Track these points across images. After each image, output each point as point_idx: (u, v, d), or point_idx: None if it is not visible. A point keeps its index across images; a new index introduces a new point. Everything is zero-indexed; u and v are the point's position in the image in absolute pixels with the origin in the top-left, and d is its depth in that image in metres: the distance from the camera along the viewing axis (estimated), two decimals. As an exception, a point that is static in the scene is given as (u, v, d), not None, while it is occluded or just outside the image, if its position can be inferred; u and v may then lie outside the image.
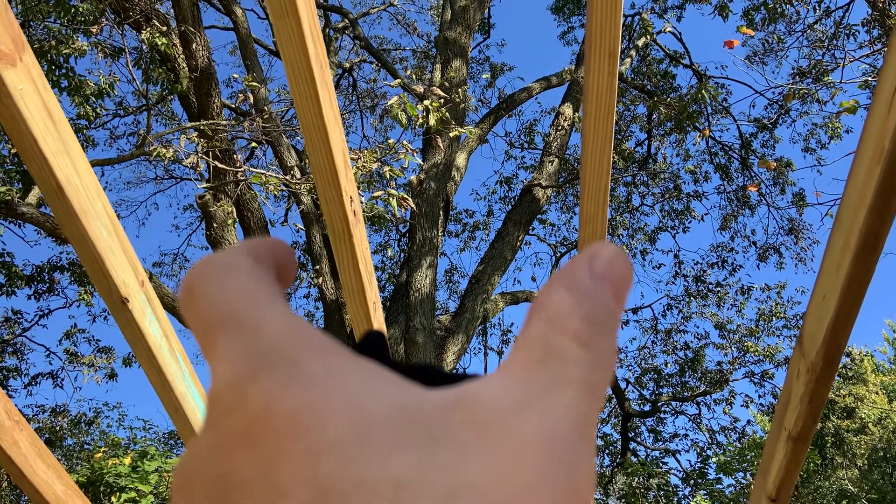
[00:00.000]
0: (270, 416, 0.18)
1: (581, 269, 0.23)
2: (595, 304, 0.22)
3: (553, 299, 0.22)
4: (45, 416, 10.75)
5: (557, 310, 0.21)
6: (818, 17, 9.57)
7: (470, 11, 9.71)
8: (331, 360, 0.19)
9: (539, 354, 0.20)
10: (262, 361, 0.19)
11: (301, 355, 0.19)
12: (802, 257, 11.17)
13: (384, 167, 5.43)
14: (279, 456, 0.17)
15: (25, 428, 1.73)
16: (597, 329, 0.21)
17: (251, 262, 0.23)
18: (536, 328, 0.21)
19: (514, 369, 0.20)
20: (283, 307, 0.21)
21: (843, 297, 1.28)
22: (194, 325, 0.22)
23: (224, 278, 0.22)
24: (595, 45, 1.07)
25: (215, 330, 0.21)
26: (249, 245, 0.24)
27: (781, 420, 1.62)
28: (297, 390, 0.18)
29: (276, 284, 0.23)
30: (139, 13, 6.42)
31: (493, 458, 0.17)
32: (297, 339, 0.20)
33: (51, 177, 1.16)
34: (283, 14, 0.99)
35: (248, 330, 0.20)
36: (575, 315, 0.21)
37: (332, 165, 1.18)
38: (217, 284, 0.22)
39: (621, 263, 0.23)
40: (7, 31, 1.05)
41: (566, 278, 0.22)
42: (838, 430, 14.56)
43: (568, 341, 0.20)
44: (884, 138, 1.10)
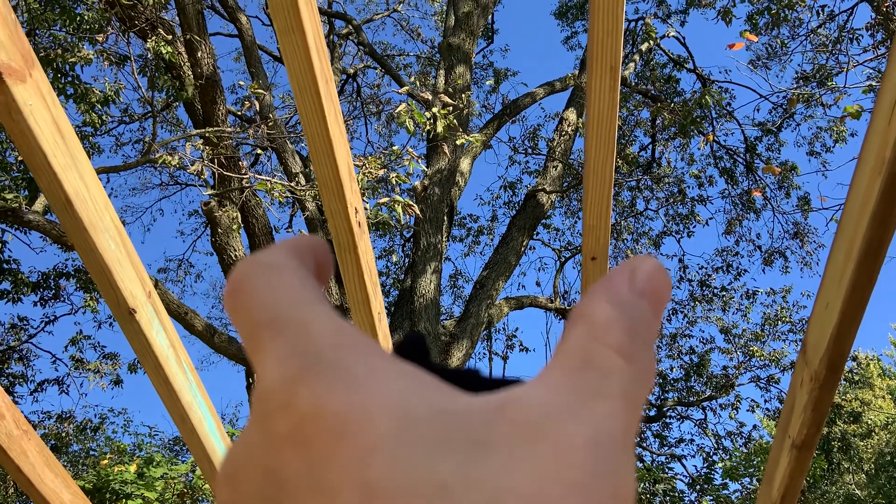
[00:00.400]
0: (319, 417, 0.18)
1: (622, 281, 0.23)
2: (636, 316, 0.22)
3: (595, 310, 0.22)
4: (51, 423, 10.78)
5: (599, 321, 0.21)
6: (822, 22, 9.57)
7: (473, 17, 9.73)
8: (375, 361, 0.20)
9: (580, 364, 0.20)
10: (310, 362, 0.19)
11: (347, 356, 0.20)
12: (808, 261, 11.15)
13: (390, 173, 5.44)
14: (327, 456, 0.18)
15: (33, 437, 1.74)
16: (638, 341, 0.21)
17: (294, 261, 0.24)
18: (578, 338, 0.21)
19: (556, 377, 0.20)
20: (326, 307, 0.22)
21: (846, 306, 1.29)
22: (239, 325, 0.22)
23: (269, 279, 0.22)
24: (597, 60, 1.08)
25: (262, 330, 0.21)
26: (291, 244, 0.25)
27: (786, 428, 1.62)
28: (344, 392, 0.19)
29: (316, 284, 0.24)
30: (144, 21, 6.46)
31: (536, 465, 0.17)
32: (343, 340, 0.20)
33: (60, 190, 1.18)
34: (289, 30, 1.00)
35: (295, 331, 0.21)
36: (617, 327, 0.21)
37: (336, 177, 1.19)
38: (262, 285, 0.22)
39: (661, 277, 0.24)
40: (17, 47, 1.06)
41: (608, 290, 0.23)
42: (845, 435, 14.49)
43: (610, 352, 0.21)
44: (885, 148, 1.11)
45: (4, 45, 1.05)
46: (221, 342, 7.11)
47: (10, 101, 1.05)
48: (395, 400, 0.19)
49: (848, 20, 9.41)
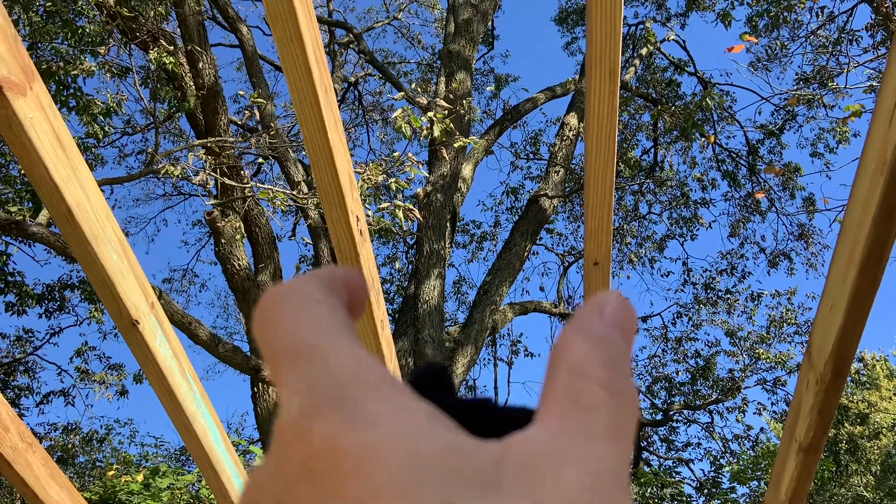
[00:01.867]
0: (331, 454, 0.19)
1: (592, 317, 0.24)
2: (612, 349, 0.23)
3: (572, 349, 0.23)
4: (57, 435, 10.79)
5: (578, 358, 0.22)
6: (821, 23, 9.57)
7: (473, 24, 9.76)
8: (392, 398, 0.20)
9: (570, 404, 0.21)
10: (326, 397, 0.20)
11: (364, 392, 0.20)
12: (813, 263, 11.12)
13: (390, 179, 5.45)
14: (338, 494, 0.18)
15: (38, 449, 1.74)
16: (617, 372, 0.22)
17: (322, 291, 0.24)
18: (562, 378, 0.22)
19: (550, 420, 0.21)
20: (350, 339, 0.22)
21: (850, 308, 1.29)
22: (264, 350, 0.23)
23: (294, 307, 0.23)
24: (595, 64, 1.08)
25: (282, 360, 0.22)
26: (322, 273, 0.25)
27: (792, 431, 1.62)
28: (358, 429, 0.19)
29: (345, 315, 0.24)
30: (146, 33, 6.49)
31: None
32: (361, 374, 0.21)
33: (61, 202, 1.18)
34: (289, 40, 1.01)
35: (314, 363, 0.21)
36: (596, 362, 0.22)
37: (337, 186, 1.19)
38: (286, 314, 0.23)
39: (628, 310, 0.25)
40: (17, 61, 1.07)
41: (580, 327, 0.23)
42: (852, 437, 14.43)
43: (594, 387, 0.21)
44: (886, 150, 1.11)
45: (5, 59, 1.05)
46: (226, 351, 7.11)
47: (11, 115, 1.05)
48: (408, 438, 0.19)
49: (847, 21, 9.41)
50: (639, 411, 0.23)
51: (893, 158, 1.07)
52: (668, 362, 12.78)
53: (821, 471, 10.86)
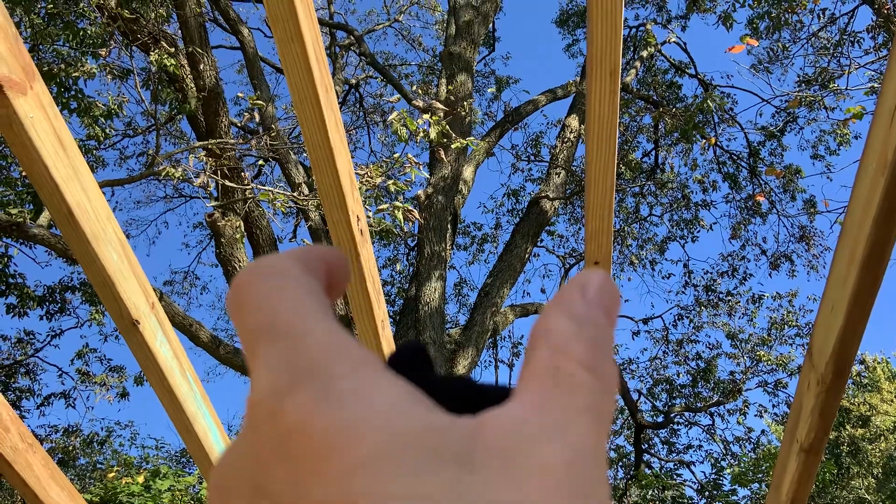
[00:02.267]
0: (305, 432, 0.18)
1: (575, 296, 0.24)
2: (594, 327, 0.23)
3: (554, 326, 0.22)
4: (57, 437, 10.79)
5: (560, 336, 0.22)
6: (823, 25, 9.57)
7: (474, 26, 9.76)
8: (368, 376, 0.20)
9: (550, 382, 0.21)
10: (300, 374, 0.19)
11: (338, 370, 0.20)
12: (814, 264, 11.11)
13: (389, 181, 5.45)
14: (312, 472, 0.18)
15: (38, 450, 1.74)
16: (599, 352, 0.22)
17: (300, 269, 0.23)
18: (543, 356, 0.22)
19: (529, 398, 0.21)
20: (326, 318, 0.22)
21: (850, 309, 1.28)
22: (238, 327, 0.22)
23: (270, 285, 0.22)
24: (596, 64, 1.08)
25: (257, 337, 0.21)
26: (300, 252, 0.25)
27: (793, 432, 1.61)
28: (331, 406, 0.19)
29: (322, 294, 0.23)
30: (147, 35, 6.50)
31: (518, 484, 0.18)
32: (337, 352, 0.20)
33: (62, 202, 1.18)
34: (289, 40, 1.01)
35: (290, 340, 0.21)
36: (578, 340, 0.22)
37: (338, 187, 1.19)
38: (263, 291, 0.22)
39: (611, 288, 0.24)
40: (17, 60, 1.07)
41: (563, 305, 0.23)
42: (854, 439, 14.41)
43: (576, 366, 0.21)
44: (887, 151, 1.11)
45: (5, 58, 1.05)
46: (227, 353, 7.11)
47: (12, 114, 1.05)
48: (382, 415, 0.19)
49: (849, 23, 9.41)
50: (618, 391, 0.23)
51: (894, 159, 1.07)
52: (669, 364, 12.78)
53: (822, 473, 10.84)
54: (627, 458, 13.13)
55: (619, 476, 13.13)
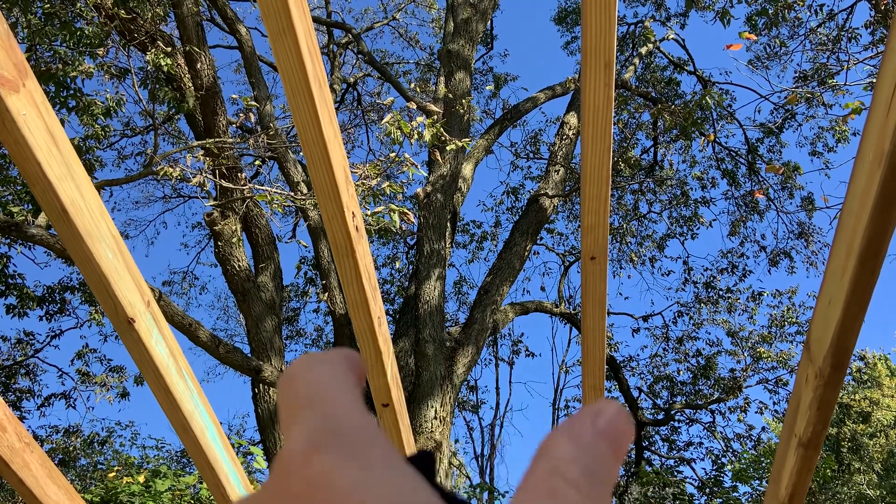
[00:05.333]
0: (327, 485, 0.21)
1: (585, 423, 0.25)
2: (594, 457, 0.24)
3: (557, 448, 0.24)
4: (58, 437, 10.79)
5: (560, 459, 0.24)
6: (821, 21, 9.56)
7: (472, 23, 9.76)
8: (388, 455, 0.22)
9: (543, 498, 0.23)
10: (333, 439, 0.22)
11: (365, 442, 0.22)
12: (813, 261, 11.11)
13: (384, 183, 5.45)
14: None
15: (36, 450, 1.74)
16: (594, 480, 0.24)
17: (344, 363, 0.27)
18: (541, 473, 0.24)
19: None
20: (359, 402, 0.25)
21: (848, 302, 1.28)
22: (283, 403, 0.26)
23: (319, 369, 0.26)
24: (590, 56, 1.07)
25: (301, 404, 0.24)
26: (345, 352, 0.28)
27: (791, 427, 1.61)
28: (353, 471, 0.21)
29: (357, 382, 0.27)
30: (144, 34, 6.49)
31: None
32: (365, 429, 0.23)
33: (55, 200, 1.18)
34: (281, 33, 1.00)
35: (328, 410, 0.24)
36: (576, 465, 0.24)
37: (332, 182, 1.19)
38: (313, 372, 0.26)
39: (623, 421, 0.26)
40: (10, 57, 1.06)
41: (570, 430, 0.25)
42: (854, 435, 14.42)
43: (568, 488, 0.23)
44: (883, 141, 1.10)
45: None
46: (227, 353, 7.11)
47: (4, 111, 1.05)
48: (394, 491, 0.21)
49: (847, 19, 9.41)
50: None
51: (891, 149, 1.07)
52: (669, 362, 12.79)
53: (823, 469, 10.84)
54: (628, 455, 13.14)
55: (620, 474, 13.13)
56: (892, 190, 1.07)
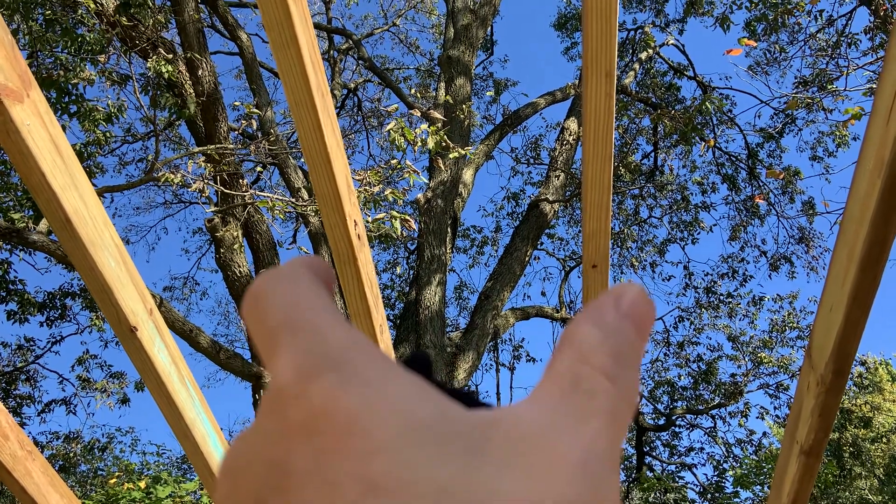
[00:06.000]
0: (330, 413, 0.19)
1: (608, 306, 0.24)
2: (621, 340, 0.23)
3: (582, 334, 0.23)
4: (58, 443, 10.77)
5: (586, 344, 0.23)
6: (820, 27, 9.58)
7: (472, 29, 9.78)
8: (385, 366, 0.21)
9: (569, 385, 0.22)
10: (324, 361, 0.21)
11: (359, 359, 0.21)
12: (814, 266, 11.11)
13: (386, 190, 5.46)
14: (335, 451, 0.19)
15: (38, 457, 1.74)
16: (622, 363, 0.23)
17: (310, 274, 0.25)
18: (566, 360, 0.23)
19: (546, 397, 0.22)
20: (339, 316, 0.23)
21: (849, 308, 1.28)
22: (257, 329, 0.24)
23: (287, 288, 0.24)
24: (592, 66, 1.08)
25: (279, 332, 0.22)
26: (305, 260, 0.26)
27: (793, 434, 1.61)
28: (355, 391, 0.20)
29: (331, 296, 0.25)
30: (146, 41, 6.50)
31: (529, 476, 0.19)
32: (356, 344, 0.22)
33: (59, 209, 1.18)
34: (284, 45, 1.01)
35: (312, 332, 0.22)
36: (603, 350, 0.23)
37: (335, 191, 1.19)
38: (281, 293, 0.24)
39: (645, 303, 0.25)
40: (14, 68, 1.07)
41: (594, 315, 0.24)
42: (856, 440, 14.39)
43: (597, 374, 0.22)
44: (884, 149, 1.10)
45: (2, 66, 1.05)
46: (227, 358, 7.11)
47: (8, 122, 1.05)
48: (401, 404, 0.20)
49: (847, 24, 9.42)
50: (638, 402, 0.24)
51: (891, 157, 1.07)
52: (670, 367, 12.77)
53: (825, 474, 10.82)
54: (629, 461, 13.11)
55: (622, 479, 13.11)
56: (893, 197, 1.07)
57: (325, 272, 0.27)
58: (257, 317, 0.23)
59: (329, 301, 0.24)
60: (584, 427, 0.20)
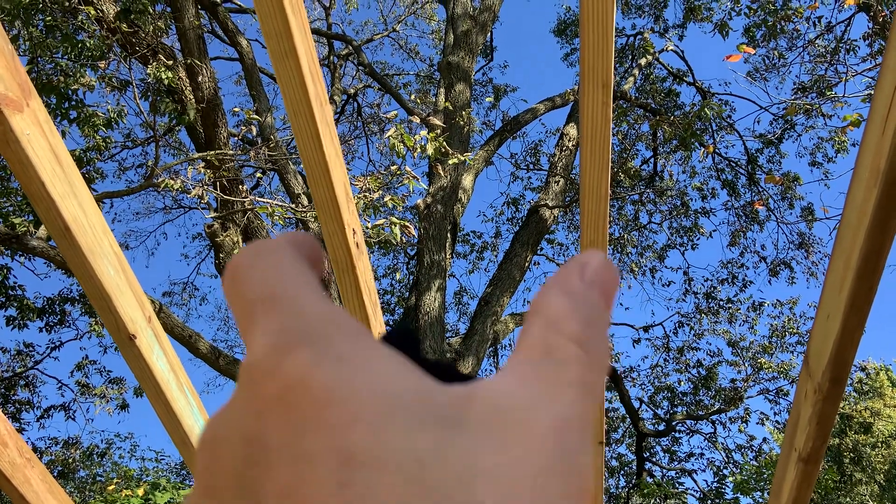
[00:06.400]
0: (304, 387, 0.19)
1: (574, 275, 0.25)
2: (589, 307, 0.24)
3: (550, 303, 0.23)
4: (57, 449, 10.75)
5: (555, 313, 0.23)
6: (819, 33, 9.61)
7: (472, 35, 9.80)
8: (362, 342, 0.21)
9: (541, 355, 0.22)
10: (300, 336, 0.21)
11: (335, 334, 0.21)
12: (814, 271, 11.11)
13: (385, 196, 5.46)
14: (310, 424, 0.19)
15: (37, 465, 1.74)
16: (591, 331, 0.23)
17: (293, 249, 0.25)
18: (536, 330, 0.23)
19: (520, 369, 0.22)
20: (320, 292, 0.23)
21: (846, 317, 1.28)
22: (236, 303, 0.24)
23: (268, 262, 0.24)
24: (589, 77, 1.08)
25: (256, 306, 0.22)
26: (288, 236, 0.26)
27: (791, 441, 1.61)
28: (331, 365, 0.20)
29: (312, 272, 0.25)
30: (146, 47, 6.52)
31: (505, 447, 0.19)
32: (333, 319, 0.21)
33: (58, 218, 1.18)
34: (283, 56, 1.01)
35: (288, 307, 0.22)
36: (572, 318, 0.23)
37: (333, 199, 1.20)
38: (261, 267, 0.24)
39: (609, 270, 0.25)
40: (14, 78, 1.07)
41: (561, 284, 0.24)
42: (856, 446, 14.37)
43: (567, 342, 0.22)
44: (879, 158, 1.11)
45: (2, 76, 1.06)
46: (226, 364, 7.10)
47: (8, 131, 1.06)
48: (377, 376, 0.20)
49: (845, 31, 9.45)
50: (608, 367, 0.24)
51: (887, 167, 1.08)
52: (670, 372, 12.76)
53: (825, 480, 10.80)
54: (629, 467, 13.09)
55: (622, 485, 13.09)
56: (889, 207, 1.08)
57: (311, 248, 0.27)
58: (237, 289, 0.24)
59: (310, 276, 0.24)
60: (557, 396, 0.21)
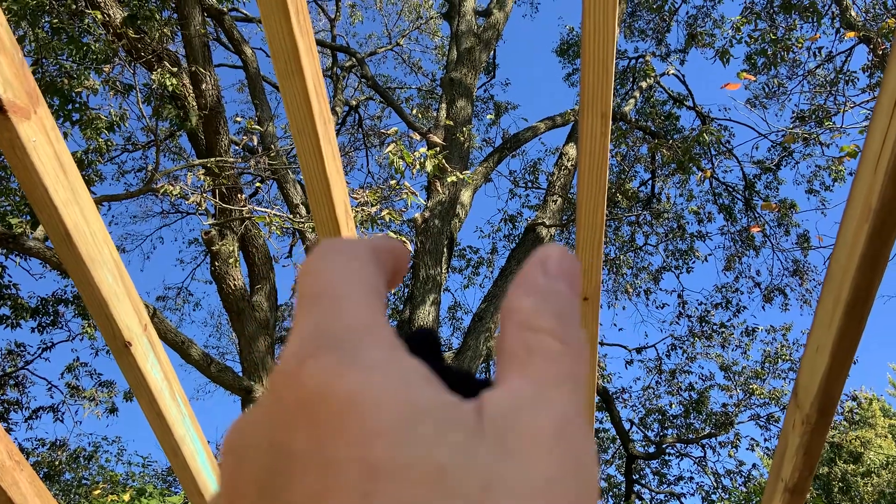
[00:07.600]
0: (325, 395, 0.20)
1: (536, 273, 0.25)
2: (558, 300, 0.24)
3: (521, 305, 0.24)
4: (44, 451, 10.68)
5: (525, 314, 0.23)
6: (819, 63, 9.70)
7: (475, 53, 9.87)
8: (391, 352, 0.21)
9: (524, 355, 0.22)
10: (328, 340, 0.21)
11: (366, 341, 0.21)
12: (808, 299, 11.14)
13: (383, 211, 5.48)
14: (334, 433, 0.19)
15: (26, 468, 1.74)
16: (565, 322, 0.23)
17: (368, 255, 0.25)
18: (512, 335, 0.23)
19: (511, 377, 0.22)
20: (372, 300, 0.23)
21: (835, 350, 1.30)
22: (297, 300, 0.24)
23: (333, 260, 0.24)
24: (588, 106, 1.10)
25: (305, 301, 0.23)
26: (374, 240, 0.26)
27: (778, 471, 1.62)
28: (355, 372, 0.20)
29: (380, 281, 0.25)
30: (151, 53, 6.55)
31: (517, 455, 0.20)
32: (369, 327, 0.22)
33: (60, 224, 1.20)
34: (289, 75, 1.03)
35: (328, 308, 0.22)
36: (543, 313, 0.23)
37: (333, 216, 1.21)
38: (326, 265, 0.24)
39: (569, 260, 0.26)
40: (23, 86, 1.09)
41: (525, 285, 0.24)
42: (845, 475, 14.34)
43: (545, 338, 0.23)
44: (871, 196, 1.13)
45: (10, 83, 1.07)
46: (218, 371, 7.08)
47: (15, 138, 1.07)
48: (403, 387, 0.20)
49: (846, 62, 9.54)
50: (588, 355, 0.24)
51: (878, 206, 1.10)
52: (661, 394, 12.75)
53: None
54: (618, 489, 13.04)
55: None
56: (879, 246, 1.10)
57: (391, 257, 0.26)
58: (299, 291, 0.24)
59: (369, 284, 0.24)
60: (554, 397, 0.21)
